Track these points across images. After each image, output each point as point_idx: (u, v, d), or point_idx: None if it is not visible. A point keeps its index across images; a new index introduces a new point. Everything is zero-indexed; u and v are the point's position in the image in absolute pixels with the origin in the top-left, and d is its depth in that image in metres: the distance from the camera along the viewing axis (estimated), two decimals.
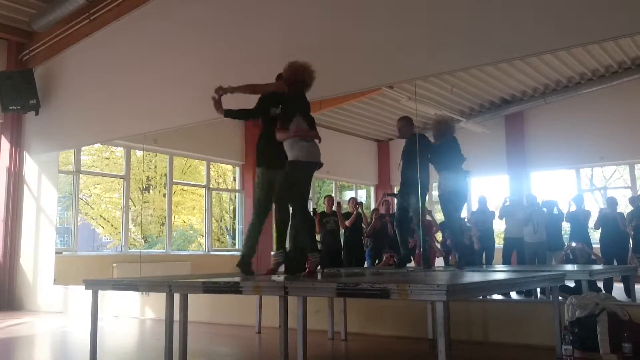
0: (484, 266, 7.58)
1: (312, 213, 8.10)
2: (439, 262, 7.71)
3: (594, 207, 11.30)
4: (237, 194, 11.61)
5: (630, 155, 11.29)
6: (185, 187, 16.10)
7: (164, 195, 14.50)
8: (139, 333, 6.61)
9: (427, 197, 6.47)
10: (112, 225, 17.02)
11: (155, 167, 16.11)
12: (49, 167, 9.20)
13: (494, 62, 6.32)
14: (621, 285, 6.99)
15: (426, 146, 5.92)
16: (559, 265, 7.53)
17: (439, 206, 6.34)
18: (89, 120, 8.46)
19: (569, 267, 6.57)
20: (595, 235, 8.28)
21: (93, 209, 17.40)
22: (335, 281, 3.37)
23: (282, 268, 4.58)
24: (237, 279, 4.05)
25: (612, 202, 8.20)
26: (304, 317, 3.38)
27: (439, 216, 8.61)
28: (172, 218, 13.32)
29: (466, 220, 8.51)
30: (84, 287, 4.60)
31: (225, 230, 16.46)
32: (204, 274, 4.20)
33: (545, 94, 11.15)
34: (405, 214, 6.04)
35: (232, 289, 3.83)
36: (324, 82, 5.48)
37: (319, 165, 4.39)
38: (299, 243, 4.45)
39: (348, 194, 13.38)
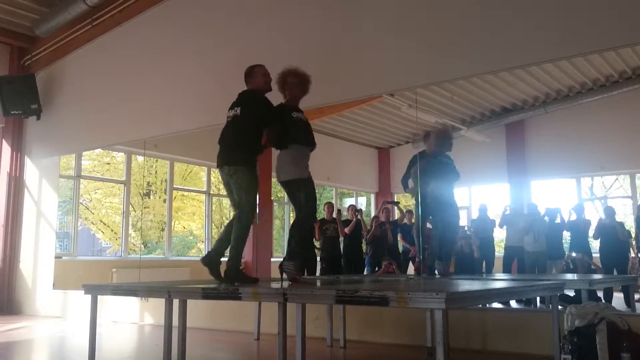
0: (484, 274, 7.58)
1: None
2: None
3: (595, 216, 11.29)
4: None
5: (631, 165, 11.28)
6: (186, 193, 16.12)
7: (164, 200, 14.52)
8: (138, 339, 6.60)
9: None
10: (112, 230, 17.03)
11: (156, 172, 16.14)
12: (49, 172, 9.21)
13: (495, 70, 6.32)
14: (621, 295, 6.98)
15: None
16: (559, 274, 7.52)
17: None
18: (90, 126, 8.48)
19: (569, 276, 6.56)
20: (595, 245, 8.27)
21: (93, 213, 17.42)
22: (334, 288, 3.36)
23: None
24: (236, 285, 4.04)
25: (610, 212, 8.18)
26: (302, 324, 3.37)
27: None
28: (172, 224, 13.32)
29: (467, 228, 8.51)
30: (83, 292, 4.58)
31: None
32: (203, 280, 4.18)
33: (546, 103, 11.16)
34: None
35: (231, 295, 3.82)
36: (325, 89, 5.52)
37: None
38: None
39: (348, 201, 13.38)
